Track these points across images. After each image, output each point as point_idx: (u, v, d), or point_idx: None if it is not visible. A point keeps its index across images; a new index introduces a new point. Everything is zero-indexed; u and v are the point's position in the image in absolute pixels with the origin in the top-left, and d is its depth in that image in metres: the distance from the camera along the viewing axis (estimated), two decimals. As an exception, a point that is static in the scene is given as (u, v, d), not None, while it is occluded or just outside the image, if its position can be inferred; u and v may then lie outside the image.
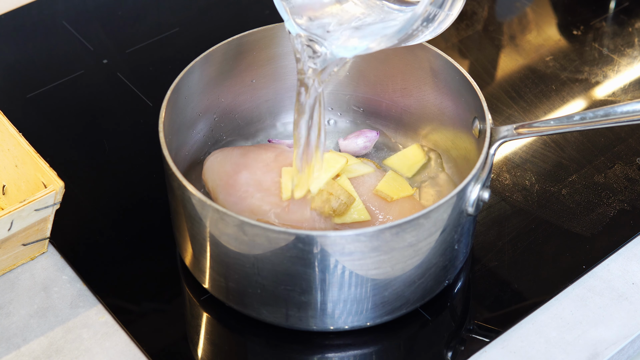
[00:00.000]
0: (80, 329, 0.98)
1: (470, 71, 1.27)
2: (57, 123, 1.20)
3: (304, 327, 0.95)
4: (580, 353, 0.96)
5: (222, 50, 1.05)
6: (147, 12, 1.36)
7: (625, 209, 1.09)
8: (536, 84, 1.25)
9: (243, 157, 1.04)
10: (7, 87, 1.24)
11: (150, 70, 1.27)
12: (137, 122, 1.20)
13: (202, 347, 0.98)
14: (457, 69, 1.01)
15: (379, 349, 0.97)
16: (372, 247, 0.88)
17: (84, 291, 1.01)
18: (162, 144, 0.94)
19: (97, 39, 1.31)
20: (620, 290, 1.02)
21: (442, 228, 0.91)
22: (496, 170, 1.13)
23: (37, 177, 0.99)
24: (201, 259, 0.96)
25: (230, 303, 0.97)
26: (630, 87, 1.25)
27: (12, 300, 1.00)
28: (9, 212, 0.94)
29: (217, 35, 1.10)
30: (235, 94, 1.10)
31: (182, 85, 1.01)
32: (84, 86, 1.24)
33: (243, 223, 0.87)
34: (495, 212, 1.09)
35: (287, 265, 0.89)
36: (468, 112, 1.02)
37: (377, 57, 1.09)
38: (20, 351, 0.96)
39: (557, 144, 1.17)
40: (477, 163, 0.92)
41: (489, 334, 0.97)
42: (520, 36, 1.33)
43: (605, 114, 0.93)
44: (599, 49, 1.31)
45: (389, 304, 0.94)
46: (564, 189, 1.11)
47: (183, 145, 1.05)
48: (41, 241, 1.02)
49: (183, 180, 0.91)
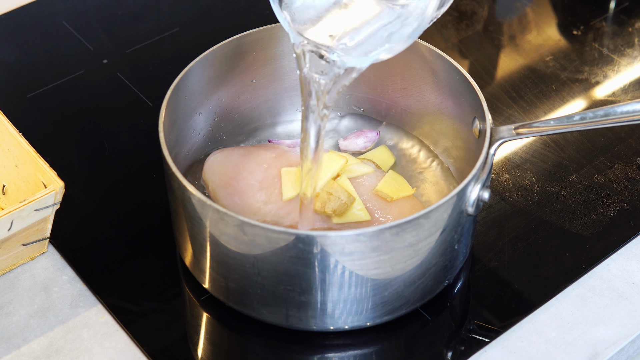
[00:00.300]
0: (80, 329, 0.98)
1: (470, 71, 1.27)
2: (57, 123, 1.20)
3: (304, 327, 0.95)
4: (581, 353, 0.96)
5: (222, 50, 1.05)
6: (147, 12, 1.36)
7: (625, 209, 1.09)
8: (536, 84, 1.25)
9: (243, 157, 1.04)
10: (7, 87, 1.24)
11: (150, 70, 1.27)
12: (137, 122, 1.19)
13: (202, 347, 0.98)
14: (457, 69, 1.01)
15: (379, 349, 0.97)
16: (372, 247, 0.88)
17: (84, 291, 1.01)
18: (162, 144, 0.94)
19: (97, 39, 1.31)
20: (621, 290, 1.02)
21: (442, 228, 0.91)
22: (496, 170, 1.13)
23: (37, 177, 0.99)
24: (201, 259, 0.96)
25: (230, 303, 0.97)
26: (630, 87, 1.25)
27: (12, 300, 1.00)
28: (9, 212, 0.94)
29: (217, 35, 1.10)
30: (235, 94, 1.10)
31: (182, 85, 1.01)
32: (84, 86, 1.24)
33: (243, 223, 0.87)
34: (495, 212, 1.09)
35: (287, 265, 0.89)
36: (468, 112, 1.02)
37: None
38: (20, 351, 0.96)
39: (557, 144, 1.17)
40: (477, 163, 0.92)
41: (489, 334, 0.97)
42: (520, 36, 1.33)
43: (605, 114, 0.93)
44: (599, 49, 1.31)
45: (389, 304, 0.94)
46: (564, 189, 1.11)
47: (183, 145, 1.05)
48: (41, 241, 1.02)
49: (183, 180, 0.90)
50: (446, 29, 1.34)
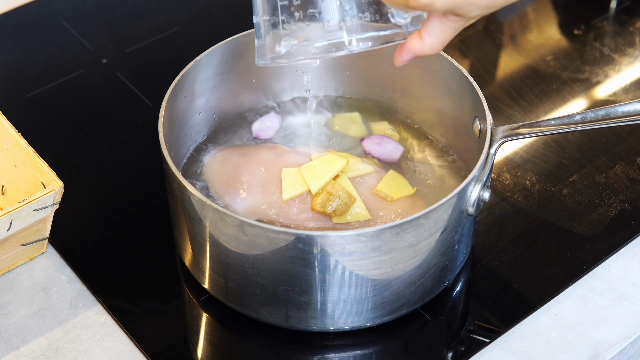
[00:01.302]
0: (80, 329, 0.97)
1: (471, 71, 1.27)
2: (56, 123, 1.19)
3: (304, 327, 0.95)
4: (581, 353, 0.96)
5: (222, 50, 1.05)
6: (146, 12, 1.36)
7: (626, 209, 1.09)
8: (537, 84, 1.25)
9: (243, 157, 1.04)
10: (6, 87, 1.24)
11: (150, 70, 1.27)
12: (137, 122, 1.19)
13: (202, 348, 0.98)
14: (458, 69, 1.01)
15: (379, 349, 0.97)
16: (372, 247, 0.88)
17: (83, 291, 1.01)
18: (162, 144, 0.93)
19: (97, 38, 1.31)
20: (621, 291, 1.01)
21: (443, 228, 0.91)
22: (497, 170, 1.13)
23: (36, 177, 0.99)
24: (201, 259, 0.96)
25: (230, 303, 0.97)
26: (631, 86, 1.25)
27: (11, 301, 1.00)
28: (8, 212, 0.94)
29: (217, 35, 1.10)
30: (235, 94, 1.10)
31: (182, 85, 1.01)
32: (84, 86, 1.24)
33: (243, 223, 0.87)
34: (496, 212, 1.08)
35: (287, 266, 0.89)
36: (469, 111, 1.01)
37: (377, 56, 1.09)
38: (20, 351, 0.95)
39: (558, 143, 1.16)
40: (478, 163, 0.92)
41: (490, 334, 0.97)
42: (521, 36, 1.33)
43: (606, 113, 0.93)
44: (600, 48, 1.30)
45: (389, 305, 0.94)
46: (565, 189, 1.11)
47: (183, 145, 1.05)
48: (40, 241, 1.02)
49: (183, 180, 0.90)
50: (446, 28, 1.33)
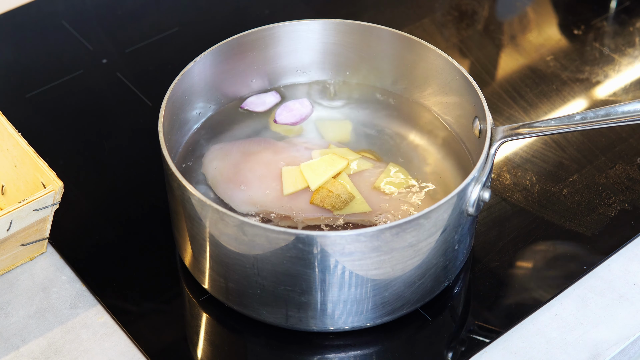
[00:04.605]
0: (80, 329, 0.97)
1: (471, 71, 1.27)
2: (56, 123, 1.19)
3: (303, 327, 0.95)
4: (581, 354, 0.96)
5: (222, 50, 1.05)
6: (146, 12, 1.36)
7: (626, 209, 1.09)
8: (537, 84, 1.25)
9: (243, 152, 1.04)
10: (6, 87, 1.24)
11: (150, 70, 1.27)
12: (137, 122, 1.19)
13: (202, 348, 0.98)
14: (458, 69, 1.01)
15: (379, 349, 0.97)
16: (372, 248, 0.88)
17: (83, 291, 1.01)
18: (162, 144, 0.93)
19: (97, 38, 1.31)
20: (621, 291, 1.01)
21: (443, 228, 0.91)
22: (497, 170, 1.13)
23: (36, 177, 0.99)
24: (201, 259, 0.96)
25: (230, 303, 0.97)
26: (631, 86, 1.25)
27: (11, 301, 1.00)
28: (8, 212, 0.94)
29: (217, 35, 1.10)
30: (235, 94, 1.10)
31: (182, 85, 1.01)
32: (84, 86, 1.24)
33: (243, 223, 0.87)
34: (496, 212, 1.08)
35: (287, 266, 0.89)
36: (468, 111, 1.01)
37: (377, 56, 1.09)
38: (19, 352, 0.95)
39: (557, 143, 1.16)
40: (478, 163, 0.92)
41: (490, 334, 0.97)
42: (521, 36, 1.33)
43: (606, 113, 0.93)
44: (600, 48, 1.30)
45: (389, 305, 0.94)
46: (565, 189, 1.11)
47: (183, 145, 1.05)
48: (40, 241, 1.02)
49: (183, 180, 0.90)
50: (446, 28, 1.33)
